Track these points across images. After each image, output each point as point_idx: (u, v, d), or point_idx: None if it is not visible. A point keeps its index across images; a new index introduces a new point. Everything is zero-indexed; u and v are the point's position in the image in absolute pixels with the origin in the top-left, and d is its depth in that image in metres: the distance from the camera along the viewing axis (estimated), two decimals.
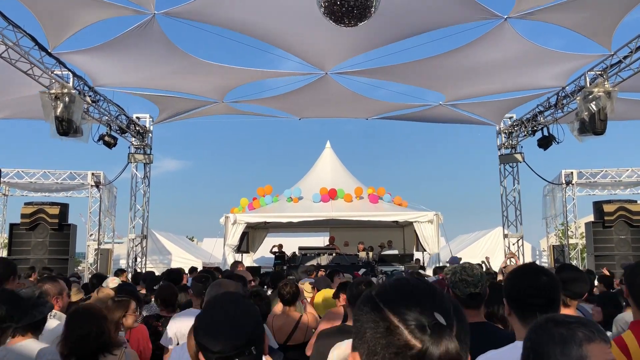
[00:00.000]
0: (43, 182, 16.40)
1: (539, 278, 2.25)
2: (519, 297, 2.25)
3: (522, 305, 2.23)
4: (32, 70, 10.10)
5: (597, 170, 17.15)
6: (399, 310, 1.03)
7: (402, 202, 17.38)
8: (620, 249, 14.97)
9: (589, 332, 1.54)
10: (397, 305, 1.04)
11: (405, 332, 1.01)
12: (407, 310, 1.03)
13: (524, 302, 2.23)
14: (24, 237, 14.32)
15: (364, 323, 1.06)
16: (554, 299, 2.24)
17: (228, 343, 1.72)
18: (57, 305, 3.84)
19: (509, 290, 2.32)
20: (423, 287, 1.10)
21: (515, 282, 2.33)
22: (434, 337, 1.00)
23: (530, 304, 2.21)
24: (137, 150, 16.49)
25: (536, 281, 2.25)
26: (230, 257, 15.58)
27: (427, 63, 11.62)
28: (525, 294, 2.24)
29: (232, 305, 1.86)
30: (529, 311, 2.18)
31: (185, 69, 11.87)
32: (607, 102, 10.89)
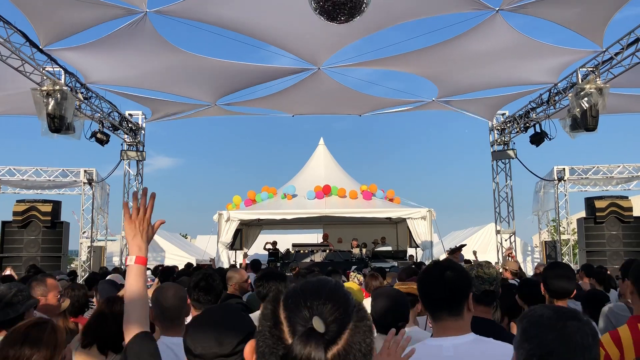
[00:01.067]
0: (35, 180, 16.32)
1: (443, 273, 2.20)
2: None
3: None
4: (24, 67, 10.04)
5: (588, 167, 17.26)
6: (291, 307, 1.05)
7: (395, 197, 17.41)
8: (612, 244, 15.08)
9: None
10: (291, 303, 1.05)
11: (285, 326, 1.03)
12: (296, 308, 1.04)
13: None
14: (16, 234, 14.23)
15: (263, 316, 1.08)
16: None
17: (209, 349, 1.70)
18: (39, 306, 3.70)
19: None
20: (327, 290, 1.08)
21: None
22: (301, 339, 1.00)
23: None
24: (129, 147, 16.43)
25: (440, 277, 2.20)
26: (224, 254, 15.57)
27: (420, 54, 11.61)
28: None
29: (225, 315, 1.83)
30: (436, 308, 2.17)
31: (177, 66, 11.82)
32: (599, 99, 10.95)
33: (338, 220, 18.68)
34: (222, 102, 14.63)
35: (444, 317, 2.11)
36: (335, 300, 1.06)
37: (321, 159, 19.14)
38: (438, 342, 2.08)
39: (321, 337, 1.01)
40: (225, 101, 14.67)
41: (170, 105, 14.97)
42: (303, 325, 1.02)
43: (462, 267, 2.32)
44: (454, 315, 2.11)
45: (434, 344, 2.08)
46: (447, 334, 2.08)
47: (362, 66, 12.69)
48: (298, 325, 1.02)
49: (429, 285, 2.21)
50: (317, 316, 1.03)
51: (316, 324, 1.02)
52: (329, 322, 1.02)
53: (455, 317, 2.10)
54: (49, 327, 2.44)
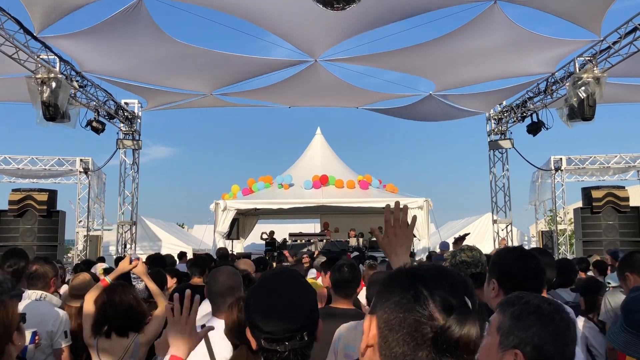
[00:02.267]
0: (31, 169, 16.25)
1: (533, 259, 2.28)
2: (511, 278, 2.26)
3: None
4: (18, 54, 9.96)
5: (585, 157, 17.25)
6: (431, 284, 1.05)
7: (394, 188, 17.41)
8: (608, 234, 15.10)
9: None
10: (430, 281, 1.06)
11: (431, 305, 1.03)
12: (438, 287, 1.05)
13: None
14: (11, 223, 14.18)
15: (393, 289, 1.08)
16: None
17: (280, 325, 1.59)
18: (53, 288, 3.86)
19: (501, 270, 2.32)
20: (457, 274, 1.11)
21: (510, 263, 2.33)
22: (458, 317, 1.02)
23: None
24: (125, 136, 16.37)
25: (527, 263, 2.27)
26: (220, 243, 15.56)
27: (417, 49, 11.56)
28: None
29: (289, 285, 1.71)
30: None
31: (173, 56, 11.73)
32: (596, 88, 10.92)
33: (335, 210, 18.70)
34: (218, 92, 14.56)
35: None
36: (462, 281, 1.10)
37: (318, 148, 19.12)
38: None
39: (473, 313, 1.04)
40: (221, 92, 14.60)
41: (165, 95, 14.89)
42: (450, 303, 1.03)
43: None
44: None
45: None
46: None
47: (358, 62, 12.63)
48: (443, 301, 1.03)
49: (524, 274, 2.29)
50: (464, 295, 1.05)
51: (467, 302, 1.05)
52: (471, 300, 1.06)
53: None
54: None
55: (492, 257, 2.43)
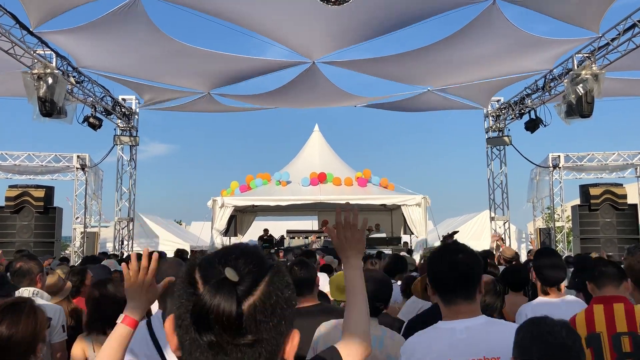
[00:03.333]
0: (27, 165, 16.19)
1: (455, 257, 2.18)
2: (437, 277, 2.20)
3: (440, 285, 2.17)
4: (14, 50, 9.90)
5: (583, 154, 17.24)
6: (204, 266, 1.02)
7: (389, 184, 17.38)
8: (606, 232, 15.11)
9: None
10: (204, 264, 1.03)
11: (198, 282, 0.99)
12: (209, 266, 1.01)
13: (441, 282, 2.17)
14: (8, 220, 14.15)
15: (180, 281, 1.05)
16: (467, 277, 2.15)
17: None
18: (40, 284, 3.81)
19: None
20: (240, 249, 1.05)
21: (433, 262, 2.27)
22: (211, 287, 0.96)
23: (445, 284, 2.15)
24: (122, 132, 16.33)
25: (452, 261, 2.17)
26: (218, 240, 15.54)
27: (414, 55, 11.55)
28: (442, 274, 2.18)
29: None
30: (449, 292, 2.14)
31: (170, 55, 11.67)
32: (595, 85, 10.90)
33: (333, 207, 18.65)
34: (216, 92, 14.52)
35: (458, 302, 2.10)
36: (249, 256, 1.03)
37: (316, 145, 19.07)
38: (451, 324, 2.08)
39: (233, 287, 0.97)
40: (219, 92, 14.56)
41: (162, 92, 14.83)
42: (212, 276, 0.99)
43: (472, 249, 2.28)
44: (468, 299, 2.10)
45: (447, 327, 2.08)
46: (459, 317, 2.08)
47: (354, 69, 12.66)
48: (212, 279, 0.98)
49: (441, 270, 2.17)
50: (229, 267, 0.99)
51: (229, 274, 0.97)
52: (243, 274, 0.98)
53: (468, 301, 2.10)
54: (27, 307, 2.36)
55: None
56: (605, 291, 3.06)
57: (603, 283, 3.08)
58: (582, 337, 2.70)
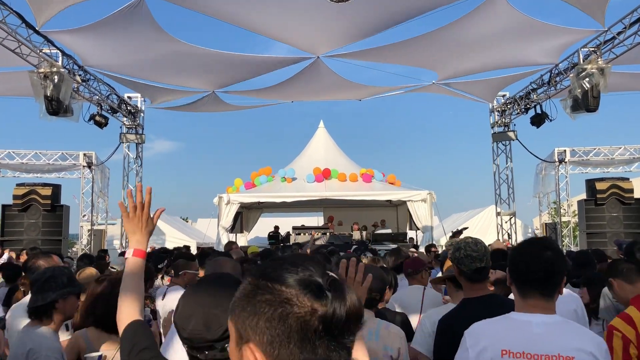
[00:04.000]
0: (35, 163, 16.29)
1: (542, 252, 2.16)
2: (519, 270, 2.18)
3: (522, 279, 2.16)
4: (20, 49, 9.95)
5: (589, 148, 17.19)
6: (285, 280, 0.93)
7: (396, 181, 17.38)
8: (612, 226, 15.06)
9: None
10: (281, 276, 0.94)
11: (305, 300, 0.91)
12: (294, 277, 0.94)
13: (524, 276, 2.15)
14: (16, 218, 14.24)
15: (257, 308, 0.93)
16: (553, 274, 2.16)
17: (197, 334, 1.52)
18: None
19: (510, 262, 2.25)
20: (292, 256, 1.02)
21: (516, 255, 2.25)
22: (336, 294, 0.92)
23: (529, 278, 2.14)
24: (128, 130, 16.39)
25: (538, 256, 2.16)
26: (224, 237, 15.57)
27: (419, 41, 11.50)
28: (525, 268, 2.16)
29: (215, 294, 1.60)
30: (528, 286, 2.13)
31: (174, 55, 11.71)
32: (600, 79, 10.85)
33: (338, 203, 18.67)
34: (221, 91, 14.55)
35: (535, 296, 2.09)
36: (303, 257, 1.01)
37: (321, 141, 19.07)
38: (527, 317, 2.07)
39: (342, 281, 0.96)
40: (224, 90, 14.58)
41: (168, 93, 14.88)
42: (318, 284, 0.92)
43: (559, 247, 2.30)
44: (547, 296, 2.09)
45: (523, 319, 2.07)
46: (534, 311, 2.07)
47: (359, 58, 12.59)
48: (312, 287, 0.92)
49: (525, 263, 2.15)
50: (324, 269, 0.96)
51: (332, 274, 0.95)
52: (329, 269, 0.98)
53: (547, 298, 2.09)
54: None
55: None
56: (637, 286, 3.01)
57: (632, 279, 3.03)
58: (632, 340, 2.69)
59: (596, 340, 2.01)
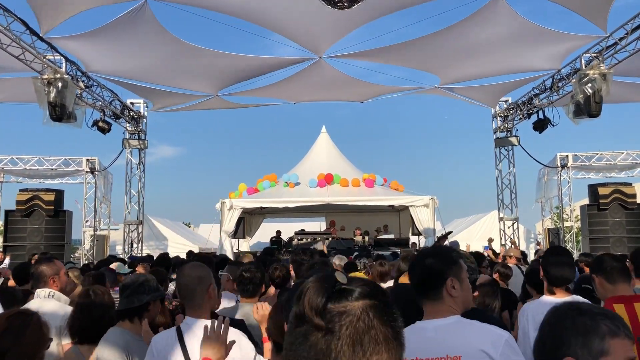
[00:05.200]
0: (38, 169, 16.33)
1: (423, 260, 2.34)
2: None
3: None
4: (24, 55, 10.01)
5: (592, 153, 17.18)
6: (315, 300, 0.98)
7: (399, 186, 17.38)
8: (615, 231, 15.03)
9: (614, 325, 1.47)
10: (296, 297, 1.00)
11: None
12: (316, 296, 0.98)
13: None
14: (19, 223, 14.27)
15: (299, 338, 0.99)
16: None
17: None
18: (54, 286, 3.84)
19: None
20: (324, 261, 1.07)
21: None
22: (312, 282, 0.99)
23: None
24: (131, 135, 16.43)
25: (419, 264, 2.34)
26: (226, 242, 15.57)
27: (420, 42, 11.49)
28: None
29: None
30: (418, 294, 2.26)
31: (178, 56, 11.75)
32: (603, 85, 10.86)
33: (341, 208, 18.68)
34: (224, 92, 14.58)
35: (425, 302, 2.21)
36: (368, 283, 1.04)
37: (323, 147, 19.09)
38: (423, 324, 2.17)
39: (332, 283, 1.00)
40: (226, 92, 14.61)
41: (171, 97, 14.93)
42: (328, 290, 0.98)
43: (444, 252, 2.36)
44: (432, 299, 2.19)
45: (419, 326, 2.17)
46: (429, 317, 2.18)
47: (362, 58, 12.58)
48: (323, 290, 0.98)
49: (410, 272, 2.37)
50: (338, 272, 1.01)
51: (338, 276, 0.99)
52: (353, 284, 1.00)
53: (433, 301, 2.19)
54: (34, 320, 2.30)
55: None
56: (618, 287, 3.00)
57: (614, 279, 3.02)
58: None
59: (493, 336, 2.01)
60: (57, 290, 3.85)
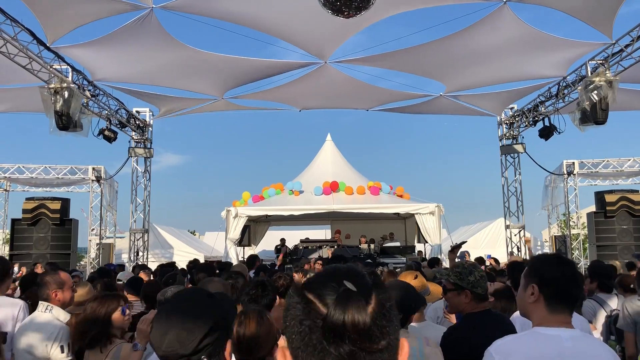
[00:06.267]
0: (44, 177, 16.40)
1: (574, 270, 2.25)
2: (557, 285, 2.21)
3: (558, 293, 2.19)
4: (31, 65, 10.07)
5: (598, 161, 17.11)
6: (315, 287, 1.02)
7: (404, 193, 17.36)
8: (622, 239, 14.95)
9: None
10: (314, 284, 1.03)
11: (317, 302, 0.99)
12: (322, 286, 1.01)
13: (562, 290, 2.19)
14: (25, 232, 14.33)
15: (289, 309, 1.04)
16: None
17: (171, 349, 1.59)
18: (55, 300, 3.70)
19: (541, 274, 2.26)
20: (344, 268, 1.07)
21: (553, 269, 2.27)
22: (339, 302, 0.97)
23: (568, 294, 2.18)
24: (137, 144, 16.48)
25: (574, 274, 2.22)
26: (232, 250, 15.58)
27: (426, 49, 11.48)
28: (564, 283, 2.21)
29: (191, 304, 1.69)
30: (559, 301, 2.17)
31: (184, 62, 11.81)
32: (609, 92, 10.83)
33: (346, 216, 18.67)
34: (229, 95, 14.61)
35: (565, 312, 2.15)
36: (352, 271, 1.06)
37: (328, 154, 19.10)
38: (555, 332, 2.10)
39: (360, 296, 0.99)
40: (232, 94, 14.64)
41: (177, 101, 14.98)
42: (332, 292, 0.99)
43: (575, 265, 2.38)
44: (572, 311, 2.19)
45: (551, 334, 2.10)
46: (561, 325, 2.12)
47: (367, 63, 12.59)
48: (328, 296, 0.99)
49: (565, 279, 2.19)
50: (344, 280, 1.01)
51: (349, 286, 1.00)
52: (358, 285, 1.01)
53: (571, 313, 2.18)
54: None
55: (531, 262, 2.40)
56: None
57: None
58: None
59: (612, 352, 2.12)
60: (59, 305, 3.72)
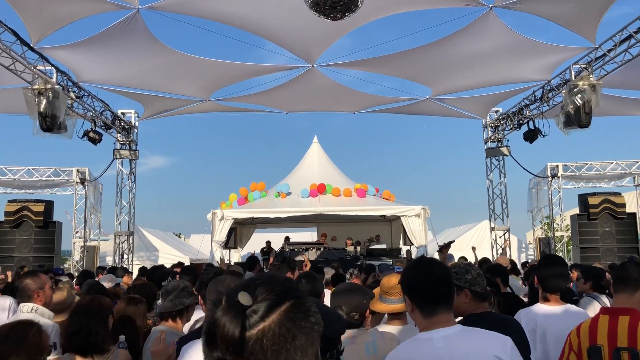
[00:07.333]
0: (27, 179, 16.18)
1: (433, 269, 2.22)
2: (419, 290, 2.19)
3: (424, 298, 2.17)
4: (14, 66, 9.94)
5: (582, 163, 17.30)
6: (233, 289, 1.04)
7: (391, 196, 17.40)
8: (605, 241, 15.13)
9: None
10: (235, 287, 1.05)
11: (223, 303, 1.03)
12: (236, 289, 1.02)
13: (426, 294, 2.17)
14: (8, 235, 14.13)
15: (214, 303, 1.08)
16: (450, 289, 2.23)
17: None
18: (38, 300, 3.81)
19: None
20: (270, 277, 1.07)
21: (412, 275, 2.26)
22: (223, 309, 1.00)
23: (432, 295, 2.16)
24: (122, 146, 16.35)
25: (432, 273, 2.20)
26: (217, 253, 15.50)
27: (413, 54, 11.56)
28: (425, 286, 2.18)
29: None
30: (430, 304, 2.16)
31: (170, 65, 11.76)
32: (592, 95, 10.97)
33: (332, 218, 18.66)
34: (216, 97, 14.56)
35: (440, 312, 2.14)
36: (274, 284, 1.04)
37: (315, 157, 19.09)
38: (429, 335, 2.12)
39: (242, 311, 0.98)
40: (218, 97, 14.60)
41: (163, 101, 14.89)
42: (221, 300, 1.03)
43: (440, 261, 2.42)
44: (449, 309, 2.18)
45: (425, 337, 2.13)
46: (436, 327, 2.13)
47: (354, 67, 12.62)
48: (230, 301, 1.01)
49: (426, 281, 2.18)
50: (245, 292, 1.00)
51: (242, 298, 0.98)
52: (258, 300, 1.00)
53: (449, 311, 2.18)
54: (35, 329, 2.39)
55: (401, 275, 2.34)
56: (617, 298, 2.92)
57: (617, 288, 2.95)
58: (584, 347, 2.73)
59: (501, 341, 2.07)
60: (42, 304, 3.83)
